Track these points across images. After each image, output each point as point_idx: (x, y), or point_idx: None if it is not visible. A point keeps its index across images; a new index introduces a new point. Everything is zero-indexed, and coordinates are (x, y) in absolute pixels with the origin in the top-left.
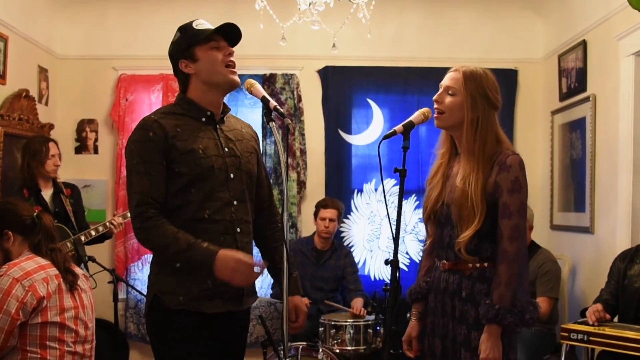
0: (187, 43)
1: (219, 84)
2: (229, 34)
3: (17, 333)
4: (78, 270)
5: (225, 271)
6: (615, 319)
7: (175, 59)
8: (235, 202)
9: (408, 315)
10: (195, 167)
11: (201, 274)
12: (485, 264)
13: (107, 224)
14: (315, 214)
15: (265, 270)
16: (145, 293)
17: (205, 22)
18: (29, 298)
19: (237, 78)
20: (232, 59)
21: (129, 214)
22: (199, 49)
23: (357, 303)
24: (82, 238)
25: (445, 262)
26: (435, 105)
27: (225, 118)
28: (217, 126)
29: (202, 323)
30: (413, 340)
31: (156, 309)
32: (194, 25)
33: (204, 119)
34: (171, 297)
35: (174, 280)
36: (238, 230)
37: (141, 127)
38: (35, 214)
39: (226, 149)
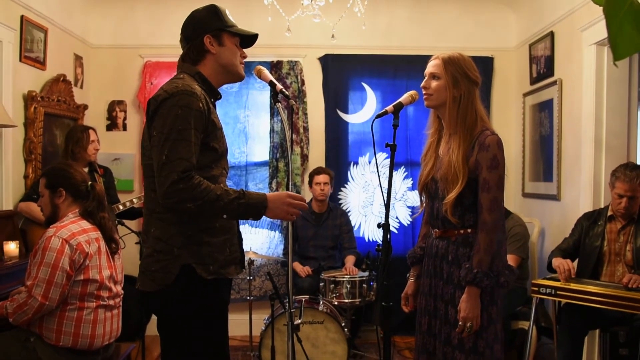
0: (220, 25)
1: (232, 73)
2: (246, 39)
3: None
4: (117, 236)
5: (281, 208)
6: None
7: (201, 31)
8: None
9: (407, 275)
10: (222, 145)
11: (221, 242)
12: (469, 230)
13: (135, 199)
14: (310, 182)
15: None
16: None
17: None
18: (77, 256)
19: (244, 74)
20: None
21: None
22: (228, 37)
23: (349, 262)
24: (121, 207)
25: (436, 230)
26: (424, 91)
27: None
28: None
29: (222, 289)
30: (409, 298)
31: (187, 279)
32: (227, 13)
33: (212, 100)
34: (204, 266)
35: (205, 250)
36: None
37: (190, 94)
38: (89, 183)
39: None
